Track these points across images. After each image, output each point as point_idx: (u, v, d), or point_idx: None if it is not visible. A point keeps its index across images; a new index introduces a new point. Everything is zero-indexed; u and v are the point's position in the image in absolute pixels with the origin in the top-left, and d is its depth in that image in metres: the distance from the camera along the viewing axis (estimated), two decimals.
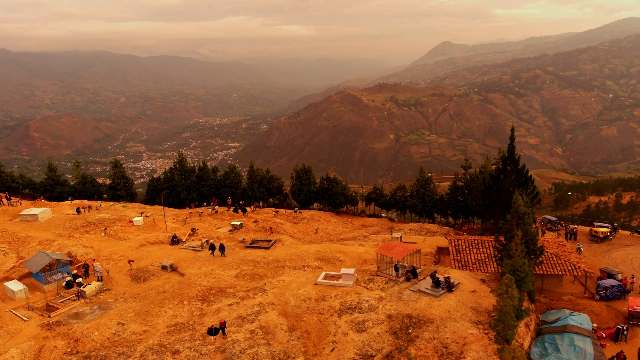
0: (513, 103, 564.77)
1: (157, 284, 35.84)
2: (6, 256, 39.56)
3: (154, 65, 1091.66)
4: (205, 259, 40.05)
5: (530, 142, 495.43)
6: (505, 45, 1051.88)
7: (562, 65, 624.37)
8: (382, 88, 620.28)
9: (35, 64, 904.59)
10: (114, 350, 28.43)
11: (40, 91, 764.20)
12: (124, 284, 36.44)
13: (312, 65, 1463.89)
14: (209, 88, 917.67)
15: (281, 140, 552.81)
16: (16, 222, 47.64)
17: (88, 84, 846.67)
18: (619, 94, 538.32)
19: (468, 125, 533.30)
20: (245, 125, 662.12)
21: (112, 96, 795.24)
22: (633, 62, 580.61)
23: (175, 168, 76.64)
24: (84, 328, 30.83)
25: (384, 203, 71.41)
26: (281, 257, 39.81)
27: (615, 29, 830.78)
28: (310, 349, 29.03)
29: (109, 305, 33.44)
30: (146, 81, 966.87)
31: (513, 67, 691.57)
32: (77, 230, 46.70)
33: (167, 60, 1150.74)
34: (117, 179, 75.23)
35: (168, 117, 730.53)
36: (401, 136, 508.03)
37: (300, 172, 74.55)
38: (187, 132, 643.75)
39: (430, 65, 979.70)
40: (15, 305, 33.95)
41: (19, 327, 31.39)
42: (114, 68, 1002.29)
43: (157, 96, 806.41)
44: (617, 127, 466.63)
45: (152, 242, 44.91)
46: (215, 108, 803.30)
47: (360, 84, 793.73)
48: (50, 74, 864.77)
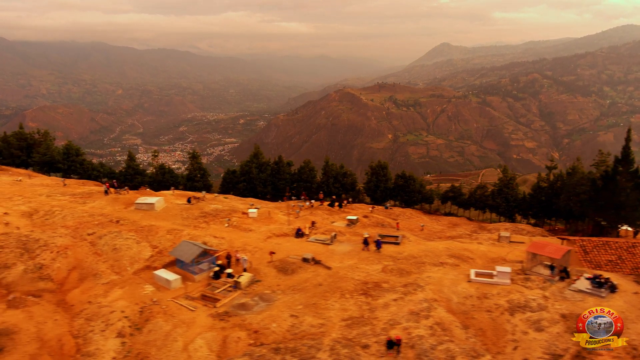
0: (511, 106, 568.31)
1: (307, 276, 35.89)
2: (139, 245, 39.33)
3: (152, 58, 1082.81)
4: (341, 253, 40.12)
5: (528, 145, 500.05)
6: (504, 49, 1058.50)
7: (561, 70, 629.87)
8: (381, 87, 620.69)
9: (32, 53, 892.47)
10: (301, 343, 28.53)
11: (36, 81, 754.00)
12: (271, 275, 36.45)
13: (311, 62, 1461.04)
14: (207, 83, 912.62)
15: (279, 137, 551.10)
16: (132, 211, 47.24)
17: (85, 75, 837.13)
18: (616, 100, 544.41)
19: (466, 127, 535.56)
20: (242, 121, 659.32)
21: (109, 88, 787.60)
22: (631, 69, 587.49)
23: (251, 161, 76.49)
24: (258, 320, 30.84)
25: (463, 202, 71.83)
26: (415, 253, 40.04)
27: (613, 35, 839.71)
28: (490, 347, 29.25)
29: (270, 297, 33.48)
30: (143, 74, 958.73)
31: (512, 70, 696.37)
32: (196, 220, 46.46)
33: (165, 54, 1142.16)
34: (195, 170, 75.14)
35: (165, 110, 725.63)
36: (399, 136, 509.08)
37: (376, 169, 74.89)
38: (184, 126, 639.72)
39: (429, 66, 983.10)
40: (172, 295, 33.82)
41: (190, 317, 31.38)
42: (111, 60, 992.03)
43: (154, 89, 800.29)
44: (614, 133, 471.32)
45: (277, 235, 44.84)
46: (212, 103, 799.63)
47: (359, 82, 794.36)
48: (47, 64, 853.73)
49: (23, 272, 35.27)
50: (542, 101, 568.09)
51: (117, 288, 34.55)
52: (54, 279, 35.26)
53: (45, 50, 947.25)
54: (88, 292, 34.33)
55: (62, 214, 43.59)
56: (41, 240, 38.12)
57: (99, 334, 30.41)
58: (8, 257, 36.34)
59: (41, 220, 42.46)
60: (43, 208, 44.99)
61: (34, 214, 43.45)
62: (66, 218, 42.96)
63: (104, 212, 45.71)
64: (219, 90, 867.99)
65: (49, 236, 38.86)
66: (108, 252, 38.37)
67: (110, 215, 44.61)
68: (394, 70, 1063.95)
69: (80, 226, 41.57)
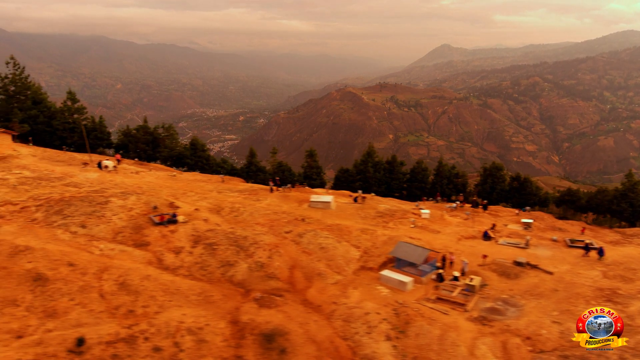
0: (512, 109, 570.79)
1: (533, 281, 35.48)
2: (341, 244, 38.66)
3: (152, 52, 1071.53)
4: (546, 257, 39.66)
5: (528, 148, 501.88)
6: (504, 51, 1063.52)
7: (561, 74, 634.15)
8: (383, 88, 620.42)
9: (31, 45, 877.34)
10: (586, 352, 27.86)
11: (35, 73, 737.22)
12: (493, 279, 35.96)
13: (310, 61, 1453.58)
14: (206, 79, 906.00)
15: (279, 135, 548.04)
16: (308, 209, 46.29)
17: (84, 69, 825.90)
18: (617, 105, 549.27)
19: (467, 129, 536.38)
20: (242, 118, 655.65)
21: (109, 82, 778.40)
22: (631, 75, 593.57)
23: (366, 160, 75.64)
24: (521, 325, 30.37)
25: (581, 206, 71.38)
26: (618, 259, 39.62)
27: (614, 40, 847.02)
28: None
29: (513, 302, 33.14)
30: (143, 68, 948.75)
31: (512, 73, 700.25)
32: (375, 220, 45.70)
33: (165, 49, 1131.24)
34: (312, 169, 74.26)
35: (164, 105, 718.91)
36: (400, 136, 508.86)
37: (492, 170, 74.40)
38: (183, 122, 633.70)
39: (429, 67, 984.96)
40: (407, 297, 33.15)
41: (451, 320, 30.87)
42: (111, 54, 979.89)
43: (153, 84, 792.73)
44: (614, 138, 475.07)
45: (465, 237, 44.15)
46: (212, 99, 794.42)
47: (358, 82, 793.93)
48: (47, 57, 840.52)
49: (248, 270, 34.43)
50: (542, 105, 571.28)
51: (351, 288, 33.76)
52: (280, 277, 34.40)
53: (44, 43, 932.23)
54: (324, 292, 33.48)
55: (246, 212, 42.60)
56: (249, 238, 37.20)
57: (366, 337, 29.65)
58: (226, 254, 35.47)
59: (231, 217, 41.42)
60: (223, 205, 43.95)
61: (220, 211, 42.30)
62: (253, 215, 42.01)
63: (283, 209, 44.77)
64: (218, 87, 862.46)
65: (253, 233, 37.93)
66: (316, 251, 37.52)
67: (292, 213, 43.70)
68: (394, 70, 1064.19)
69: (273, 224, 40.64)
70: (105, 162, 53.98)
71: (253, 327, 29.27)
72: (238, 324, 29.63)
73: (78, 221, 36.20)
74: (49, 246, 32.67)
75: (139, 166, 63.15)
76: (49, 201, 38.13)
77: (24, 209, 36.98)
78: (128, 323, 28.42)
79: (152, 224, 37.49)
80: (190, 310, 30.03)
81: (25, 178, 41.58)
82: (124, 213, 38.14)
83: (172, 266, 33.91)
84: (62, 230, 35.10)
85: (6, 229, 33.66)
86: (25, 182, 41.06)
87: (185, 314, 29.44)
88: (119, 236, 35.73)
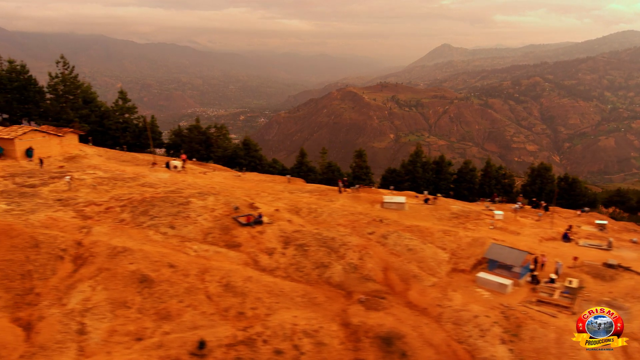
0: (513, 109, 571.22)
1: (631, 283, 35.17)
2: (426, 245, 38.10)
3: (152, 51, 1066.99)
4: (633, 260, 39.18)
5: (529, 148, 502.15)
6: (505, 51, 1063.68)
7: (562, 74, 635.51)
8: (384, 87, 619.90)
9: (31, 44, 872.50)
10: None
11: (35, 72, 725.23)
12: (588, 281, 35.58)
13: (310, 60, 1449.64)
14: (206, 78, 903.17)
15: (280, 135, 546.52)
16: (382, 210, 45.80)
17: (84, 68, 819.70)
18: (617, 105, 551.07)
19: (467, 129, 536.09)
20: (243, 117, 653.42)
21: (109, 81, 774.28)
22: (631, 75, 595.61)
23: (414, 160, 75.18)
24: (635, 328, 29.95)
25: (631, 207, 71.18)
26: None
27: (614, 40, 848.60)
28: None
29: (618, 305, 32.75)
30: (143, 68, 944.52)
31: (513, 73, 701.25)
32: (451, 221, 45.18)
33: (165, 48, 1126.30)
34: (361, 169, 73.75)
35: (164, 105, 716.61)
36: (401, 136, 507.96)
37: (539, 170, 74.14)
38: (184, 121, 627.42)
39: (430, 67, 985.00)
40: (507, 300, 32.66)
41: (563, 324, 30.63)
42: (111, 53, 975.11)
43: (153, 83, 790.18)
44: (614, 138, 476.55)
45: (545, 238, 43.72)
46: (212, 98, 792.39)
47: (359, 81, 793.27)
48: (46, 55, 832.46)
49: (344, 272, 33.92)
50: (543, 105, 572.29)
51: (450, 291, 33.22)
52: (376, 279, 33.88)
53: (44, 42, 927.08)
54: (424, 294, 32.95)
55: (324, 212, 42.06)
56: (337, 239, 36.69)
57: (480, 340, 29.19)
58: (318, 255, 34.96)
59: (311, 218, 40.89)
60: (299, 205, 43.40)
61: (299, 212, 41.73)
62: (332, 216, 41.48)
63: (358, 210, 44.24)
64: (218, 86, 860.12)
65: (339, 235, 37.42)
66: (405, 253, 37.00)
67: (368, 214, 43.20)
68: (394, 70, 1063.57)
69: (354, 225, 40.07)
70: (174, 162, 53.51)
71: (366, 329, 28.74)
72: (350, 327, 29.10)
73: (166, 222, 35.57)
74: (145, 247, 32.03)
75: (201, 166, 62.63)
76: (131, 202, 37.45)
77: (108, 209, 36.31)
78: (242, 325, 27.85)
79: (239, 225, 36.84)
80: (299, 312, 29.46)
81: (101, 178, 40.91)
82: (208, 214, 37.52)
83: (268, 267, 33.34)
84: (152, 231, 34.47)
85: (99, 230, 33.00)
86: (101, 182, 40.40)
87: (296, 316, 28.88)
88: (209, 237, 35.12)
